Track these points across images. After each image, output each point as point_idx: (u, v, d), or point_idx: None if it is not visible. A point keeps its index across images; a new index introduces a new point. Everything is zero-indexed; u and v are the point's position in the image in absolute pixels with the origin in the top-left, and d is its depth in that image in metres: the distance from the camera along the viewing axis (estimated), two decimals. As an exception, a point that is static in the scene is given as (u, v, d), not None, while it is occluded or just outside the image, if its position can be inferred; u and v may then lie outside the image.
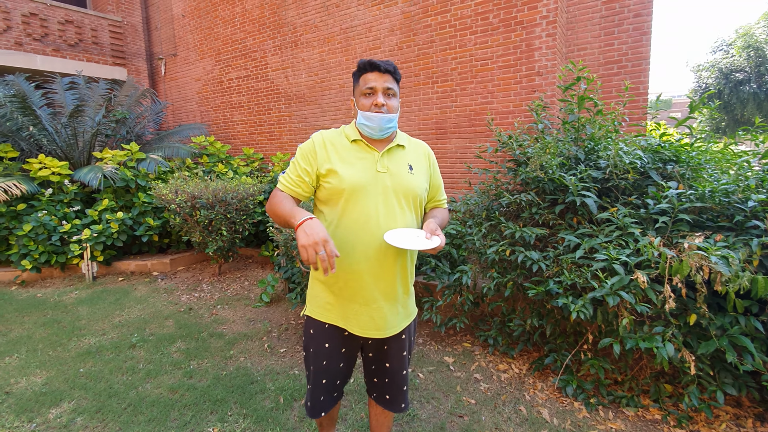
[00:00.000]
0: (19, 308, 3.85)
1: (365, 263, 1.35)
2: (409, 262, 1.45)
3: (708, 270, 1.83)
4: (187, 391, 2.45)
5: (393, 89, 1.39)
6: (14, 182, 4.47)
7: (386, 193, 1.37)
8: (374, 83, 1.36)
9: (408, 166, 1.44)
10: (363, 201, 1.34)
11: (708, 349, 1.93)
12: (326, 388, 1.51)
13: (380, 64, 1.36)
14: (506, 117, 4.27)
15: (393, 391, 1.55)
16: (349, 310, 1.41)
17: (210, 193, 4.24)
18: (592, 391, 2.32)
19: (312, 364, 1.50)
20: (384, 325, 1.41)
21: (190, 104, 7.58)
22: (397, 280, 1.41)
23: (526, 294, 2.51)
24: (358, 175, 1.35)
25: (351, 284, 1.38)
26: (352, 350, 1.51)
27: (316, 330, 1.48)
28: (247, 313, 3.70)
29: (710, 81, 17.76)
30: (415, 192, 1.42)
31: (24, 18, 6.52)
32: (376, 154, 1.40)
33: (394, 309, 1.43)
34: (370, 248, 1.34)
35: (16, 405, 2.34)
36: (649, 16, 3.86)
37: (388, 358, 1.51)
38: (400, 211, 1.38)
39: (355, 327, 1.42)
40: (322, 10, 5.53)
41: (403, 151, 1.46)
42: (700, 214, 2.24)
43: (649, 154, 2.55)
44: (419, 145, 1.55)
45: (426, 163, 1.51)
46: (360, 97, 1.40)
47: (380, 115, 1.36)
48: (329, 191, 1.36)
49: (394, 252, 1.37)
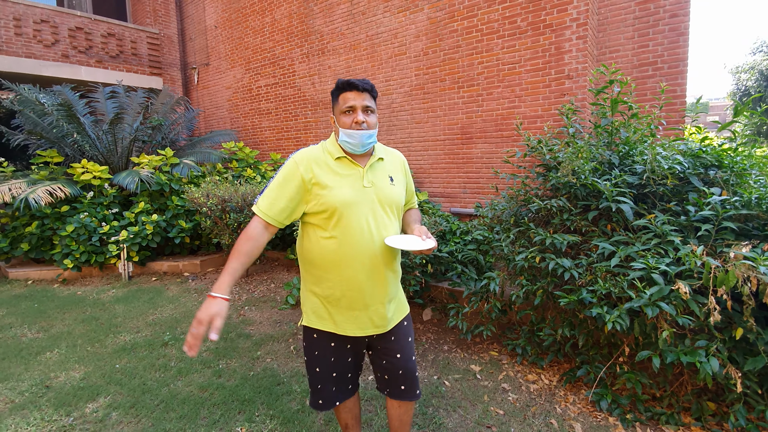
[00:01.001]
0: (61, 305, 4.05)
1: (362, 273, 1.43)
2: (398, 266, 1.57)
3: (756, 281, 1.72)
4: (216, 390, 2.50)
5: (371, 107, 1.46)
6: (59, 185, 4.73)
7: (373, 206, 1.46)
8: (353, 102, 1.43)
9: (389, 178, 1.54)
10: (354, 216, 1.41)
11: (756, 365, 1.81)
12: (337, 380, 1.57)
13: (358, 83, 1.43)
14: (534, 121, 4.19)
15: (407, 380, 1.59)
16: (348, 316, 1.48)
17: (239, 196, 4.35)
18: (629, 406, 2.21)
19: (319, 365, 1.55)
20: (382, 322, 1.51)
21: (221, 111, 7.83)
22: (389, 283, 1.51)
23: (556, 303, 2.43)
24: (347, 192, 1.42)
25: (349, 294, 1.45)
26: (358, 346, 1.58)
27: (320, 334, 1.54)
28: (274, 315, 3.76)
29: (750, 83, 16.88)
30: (397, 201, 1.54)
31: (70, 32, 6.93)
32: (360, 169, 1.48)
33: (391, 306, 1.54)
34: (366, 258, 1.43)
35: (55, 399, 2.45)
36: (686, 16, 3.71)
37: (398, 348, 1.57)
38: (387, 221, 1.48)
39: (355, 329, 1.49)
40: (349, 18, 5.62)
41: (383, 163, 1.56)
42: (746, 222, 2.12)
43: (689, 158, 2.44)
44: (395, 155, 1.65)
45: (402, 172, 1.64)
46: (340, 115, 1.46)
47: (361, 132, 1.43)
48: (320, 210, 1.42)
49: (386, 259, 1.47)
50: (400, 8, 5.08)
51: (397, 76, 5.21)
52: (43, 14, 6.66)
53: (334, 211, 1.40)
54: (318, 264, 1.47)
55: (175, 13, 8.26)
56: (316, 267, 1.48)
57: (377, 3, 5.28)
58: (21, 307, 4.00)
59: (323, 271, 1.46)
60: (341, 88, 1.46)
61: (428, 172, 5.06)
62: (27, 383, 2.63)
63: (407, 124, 5.18)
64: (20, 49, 6.45)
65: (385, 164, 1.56)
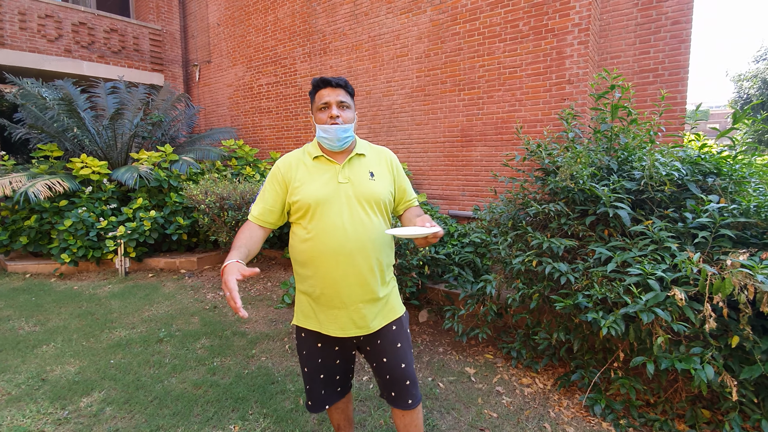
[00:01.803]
0: (57, 299, 4.04)
1: (337, 269, 1.42)
2: (377, 264, 1.48)
3: (753, 289, 1.72)
4: (210, 387, 2.50)
5: (346, 102, 1.48)
6: (58, 180, 4.73)
7: (350, 201, 1.45)
8: (328, 98, 1.46)
9: (369, 173, 1.52)
10: (328, 212, 1.42)
11: (752, 374, 1.81)
12: (326, 382, 1.58)
13: (331, 79, 1.46)
14: (534, 125, 4.19)
15: (396, 386, 1.55)
16: (329, 315, 1.48)
17: (238, 194, 4.35)
18: (622, 411, 2.21)
19: (306, 365, 1.57)
20: (364, 323, 1.48)
21: (222, 109, 7.84)
22: (370, 281, 1.46)
23: (552, 307, 2.43)
24: (321, 189, 1.44)
25: (327, 291, 1.45)
26: (346, 348, 1.57)
27: (307, 333, 1.55)
28: (269, 313, 3.76)
29: (752, 91, 16.89)
30: (377, 197, 1.49)
31: (74, 27, 6.94)
32: (337, 166, 1.49)
33: (374, 308, 1.49)
34: (341, 255, 1.41)
35: (50, 392, 2.44)
36: (688, 24, 3.72)
37: (384, 353, 1.54)
38: (366, 217, 1.45)
39: (336, 330, 1.48)
40: (352, 19, 5.62)
41: (363, 159, 1.54)
42: (744, 230, 2.12)
43: (687, 165, 2.44)
44: (381, 151, 1.63)
45: (387, 168, 1.59)
46: (317, 112, 1.49)
47: (335, 127, 1.44)
48: (297, 208, 1.46)
49: (363, 254, 1.44)
50: (402, 10, 5.08)
51: (398, 78, 5.22)
52: (48, 9, 6.67)
53: (308, 208, 1.43)
54: (299, 261, 1.50)
55: (177, 10, 8.27)
56: (298, 264, 1.52)
57: (380, 4, 5.29)
58: (19, 300, 4.00)
59: (303, 268, 1.49)
60: (316, 86, 1.49)
61: (427, 173, 5.06)
62: (23, 376, 2.62)
63: (407, 126, 5.19)
64: (24, 43, 6.46)
65: (367, 160, 1.55)
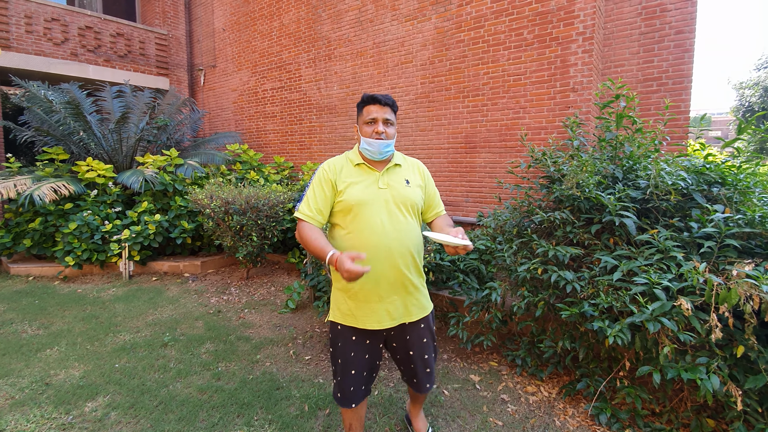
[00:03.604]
0: (61, 302, 4.05)
1: (376, 264, 1.56)
2: (412, 263, 1.66)
3: (759, 300, 1.73)
4: (215, 392, 2.50)
5: (391, 120, 1.66)
6: (63, 183, 4.75)
7: (388, 204, 1.62)
8: (376, 114, 1.63)
9: (405, 180, 1.70)
10: (369, 213, 1.59)
11: (757, 383, 1.81)
12: (355, 378, 1.70)
13: (381, 98, 1.63)
14: (538, 133, 4.21)
15: (419, 375, 1.80)
16: (366, 309, 1.62)
17: (243, 199, 4.37)
18: (628, 421, 2.21)
19: (339, 357, 1.70)
20: (398, 314, 1.65)
21: (226, 113, 7.88)
22: (405, 278, 1.64)
23: (558, 315, 2.44)
24: (363, 192, 1.61)
25: (366, 286, 1.60)
26: (375, 341, 1.71)
27: (343, 327, 1.69)
28: (273, 318, 3.76)
29: (754, 99, 16.94)
30: (413, 201, 1.68)
31: (80, 31, 7.00)
32: (377, 173, 1.67)
33: (407, 302, 1.67)
34: (380, 251, 1.57)
35: (55, 396, 2.45)
36: (692, 33, 3.75)
37: (410, 346, 1.74)
38: (402, 218, 1.63)
39: (373, 323, 1.63)
40: (357, 25, 5.67)
41: (400, 168, 1.73)
42: (749, 240, 2.13)
43: (692, 175, 2.46)
44: (414, 162, 1.82)
45: (419, 177, 1.78)
46: (363, 125, 1.66)
47: (379, 141, 1.62)
48: (341, 208, 1.63)
49: (400, 253, 1.61)
50: (407, 17, 5.13)
51: (402, 84, 5.25)
52: (54, 12, 6.73)
53: (350, 209, 1.59)
54: None
55: (183, 15, 8.34)
56: None
57: (385, 11, 5.34)
58: (22, 303, 4.00)
59: None
60: (366, 101, 1.65)
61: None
62: (27, 380, 2.63)
63: (411, 132, 5.21)
64: (30, 46, 6.51)
65: (402, 169, 1.72)
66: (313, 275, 3.57)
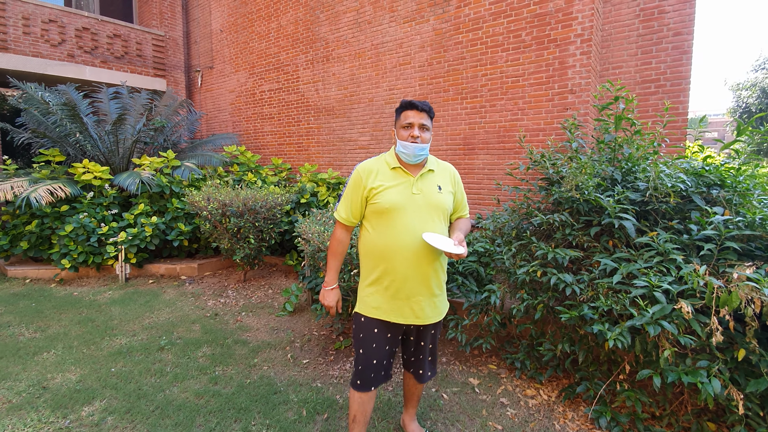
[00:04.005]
0: (57, 305, 4.02)
1: (406, 265, 1.69)
2: (439, 266, 1.78)
3: (760, 303, 1.72)
4: (212, 397, 2.48)
5: (427, 125, 1.75)
6: (60, 185, 4.72)
7: (420, 210, 1.71)
8: (413, 119, 1.72)
9: (437, 186, 1.79)
10: (402, 217, 1.69)
11: (758, 387, 1.80)
12: (376, 367, 1.80)
13: (418, 104, 1.72)
14: (536, 134, 4.21)
15: (426, 366, 1.95)
16: (394, 305, 1.73)
17: (240, 201, 4.34)
18: (628, 424, 2.20)
19: (362, 347, 1.80)
20: (422, 314, 1.76)
21: (224, 114, 7.86)
22: (431, 280, 1.75)
23: (557, 318, 2.43)
24: (397, 197, 1.70)
25: (395, 283, 1.71)
26: (395, 334, 1.82)
27: (367, 319, 1.79)
28: (271, 321, 3.74)
29: (751, 100, 17.01)
30: (444, 207, 1.77)
31: (77, 32, 6.97)
32: (411, 178, 1.75)
33: (431, 303, 1.77)
34: (410, 253, 1.68)
35: (52, 400, 2.42)
36: (690, 35, 3.75)
37: (424, 338, 1.90)
38: (431, 223, 1.72)
39: (399, 318, 1.75)
40: (355, 27, 5.66)
41: (433, 174, 1.81)
42: (749, 242, 2.12)
43: (691, 177, 2.45)
44: (446, 167, 1.90)
45: (451, 182, 1.87)
46: (400, 129, 1.76)
47: (414, 145, 1.71)
48: (375, 209, 1.72)
49: (428, 257, 1.70)
50: (405, 19, 5.12)
51: (401, 86, 5.24)
52: (52, 14, 6.70)
53: (384, 212, 1.69)
54: (371, 256, 1.76)
55: (181, 16, 8.31)
56: (369, 259, 1.77)
57: (383, 13, 5.33)
58: (19, 306, 3.97)
59: (375, 262, 1.74)
60: (404, 106, 1.75)
61: (430, 181, 5.06)
62: (24, 383, 2.60)
63: (410, 133, 5.19)
64: (27, 48, 6.48)
65: (435, 175, 1.80)
66: (311, 277, 3.55)
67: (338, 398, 2.48)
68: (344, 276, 2.81)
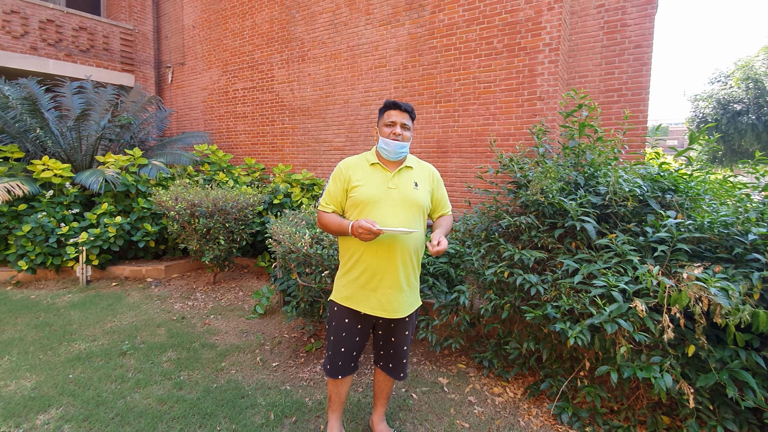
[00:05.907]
0: (13, 309, 3.80)
1: (377, 256, 1.76)
2: (410, 262, 1.83)
3: (707, 301, 1.83)
4: (176, 402, 2.40)
5: (408, 125, 1.85)
6: (17, 183, 4.48)
7: (395, 204, 1.78)
8: (395, 118, 1.82)
9: (414, 183, 1.85)
10: (376, 210, 1.75)
11: (707, 382, 1.91)
12: (344, 356, 1.89)
13: (402, 105, 1.83)
14: (507, 139, 4.32)
15: (395, 361, 1.99)
16: (363, 295, 1.81)
17: (210, 201, 4.24)
18: (588, 419, 2.28)
19: (333, 334, 1.89)
20: (390, 308, 1.80)
21: (195, 112, 7.66)
22: (399, 273, 1.79)
23: (523, 317, 2.50)
24: (374, 190, 1.78)
25: (365, 274, 1.79)
26: (365, 327, 1.90)
27: (339, 308, 1.87)
28: (241, 324, 3.67)
29: (707, 111, 18.01)
30: (419, 203, 1.83)
31: (41, 24, 6.64)
32: (388, 174, 1.83)
33: (399, 297, 1.81)
34: (380, 245, 1.75)
35: (4, 409, 2.29)
36: (650, 48, 3.95)
37: (394, 334, 1.94)
38: (406, 219, 1.78)
39: (366, 307, 1.80)
40: (331, 28, 5.65)
41: (411, 171, 1.88)
42: (699, 244, 2.25)
43: (648, 182, 2.58)
44: (426, 166, 1.98)
45: (429, 181, 1.93)
46: (383, 126, 1.85)
47: (396, 142, 1.81)
48: (352, 202, 1.80)
49: (399, 251, 1.77)
50: (381, 22, 5.15)
51: (376, 88, 5.27)
52: (15, 5, 6.36)
53: (360, 204, 1.77)
54: (346, 246, 1.84)
55: (151, 10, 8.06)
56: (345, 249, 1.85)
57: (359, 15, 5.35)
58: (-35, 312, 3.73)
59: (349, 253, 1.82)
60: (388, 106, 1.84)
61: (404, 183, 5.10)
62: (-31, 394, 2.45)
63: (385, 136, 5.22)
64: (-17, 38, 6.13)
65: (413, 172, 1.88)
66: (282, 279, 3.51)
67: (307, 401, 2.46)
68: (315, 277, 2.79)
